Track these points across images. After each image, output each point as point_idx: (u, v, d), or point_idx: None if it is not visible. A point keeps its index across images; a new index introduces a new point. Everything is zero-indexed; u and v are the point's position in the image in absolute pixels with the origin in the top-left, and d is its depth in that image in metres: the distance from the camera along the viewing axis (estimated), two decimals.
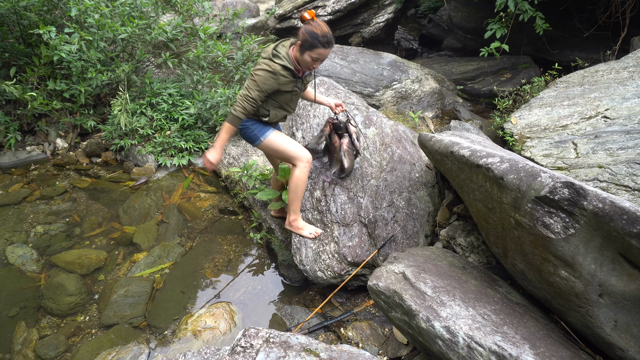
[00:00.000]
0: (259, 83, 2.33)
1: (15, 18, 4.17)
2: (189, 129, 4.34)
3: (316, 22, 2.28)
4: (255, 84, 2.34)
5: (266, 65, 2.33)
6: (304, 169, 2.59)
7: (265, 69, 2.32)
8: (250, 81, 2.35)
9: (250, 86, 2.35)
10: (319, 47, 2.27)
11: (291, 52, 2.38)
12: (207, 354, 1.59)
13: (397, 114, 4.83)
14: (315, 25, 2.26)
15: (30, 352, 2.48)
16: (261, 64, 2.34)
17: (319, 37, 2.25)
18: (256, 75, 2.33)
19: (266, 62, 2.34)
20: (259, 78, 2.33)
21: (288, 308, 2.80)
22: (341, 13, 6.80)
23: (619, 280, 1.58)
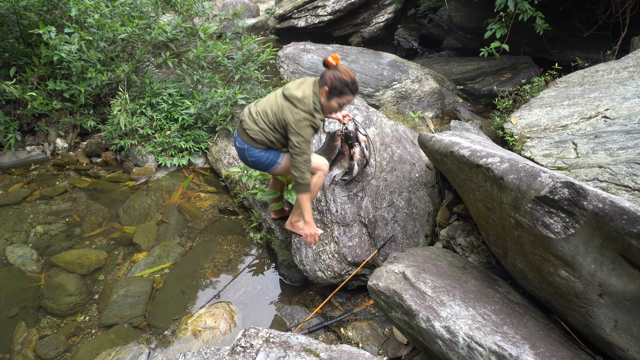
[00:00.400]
0: (308, 138, 2.32)
1: (15, 18, 4.17)
2: (189, 129, 4.34)
3: (343, 68, 2.28)
4: (307, 143, 2.32)
5: (310, 122, 2.31)
6: (322, 176, 2.61)
7: (311, 125, 2.32)
8: (304, 143, 2.30)
9: (307, 149, 2.32)
10: (348, 94, 2.29)
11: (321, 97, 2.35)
12: (207, 354, 1.59)
13: (397, 114, 4.84)
14: (343, 72, 2.26)
15: (30, 352, 2.48)
16: (307, 122, 2.29)
17: (349, 84, 2.26)
18: (307, 134, 2.30)
19: (309, 118, 2.30)
20: (307, 135, 2.31)
21: (288, 308, 2.80)
22: (341, 13, 6.80)
23: (619, 280, 1.58)
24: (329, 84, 2.27)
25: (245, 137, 2.50)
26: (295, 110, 2.29)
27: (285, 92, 2.37)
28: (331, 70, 2.28)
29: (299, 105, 2.29)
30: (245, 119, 2.51)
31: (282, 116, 2.34)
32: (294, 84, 2.39)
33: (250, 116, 2.49)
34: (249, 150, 2.52)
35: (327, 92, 2.29)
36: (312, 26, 6.91)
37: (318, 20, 6.83)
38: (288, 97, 2.34)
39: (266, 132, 2.44)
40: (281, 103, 2.37)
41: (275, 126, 2.41)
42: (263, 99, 2.54)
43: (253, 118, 2.47)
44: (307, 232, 2.52)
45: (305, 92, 2.31)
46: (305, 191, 2.39)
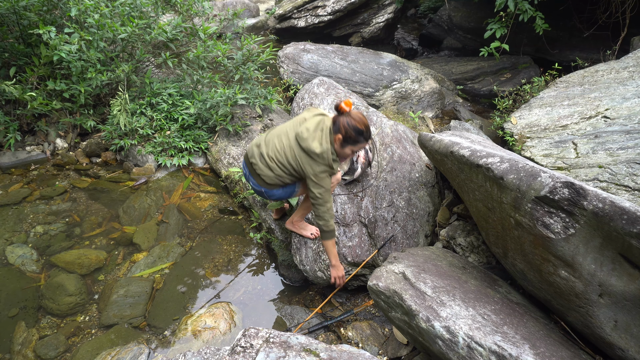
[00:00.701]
0: (329, 187, 2.33)
1: (15, 18, 4.17)
2: (189, 129, 4.34)
3: (356, 115, 2.24)
4: (328, 193, 2.33)
5: (330, 173, 2.32)
6: (334, 188, 2.65)
7: (330, 174, 2.33)
8: (325, 193, 2.32)
9: (327, 198, 2.33)
10: (362, 142, 2.28)
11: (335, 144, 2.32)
12: (207, 354, 1.59)
13: (397, 114, 4.84)
14: (357, 120, 2.23)
15: (30, 352, 2.48)
16: (325, 173, 2.30)
17: (364, 133, 2.25)
18: (327, 184, 2.31)
19: (328, 170, 2.30)
20: (327, 185, 2.32)
21: (288, 308, 2.80)
22: (341, 13, 6.80)
23: (619, 280, 1.58)
24: (343, 132, 2.24)
25: (260, 181, 2.49)
26: (316, 164, 2.28)
27: (302, 144, 2.30)
28: (345, 117, 2.24)
29: (319, 160, 2.27)
30: (258, 163, 2.45)
31: (301, 168, 2.32)
32: (308, 131, 2.30)
33: (263, 160, 2.43)
34: (268, 192, 2.54)
35: (340, 140, 2.26)
36: (312, 26, 6.91)
37: (318, 20, 6.83)
38: (306, 151, 2.28)
39: (283, 178, 2.43)
40: (299, 154, 2.32)
41: (292, 172, 2.39)
42: (273, 137, 2.45)
43: (267, 163, 2.41)
44: (335, 275, 2.54)
45: (323, 146, 2.26)
46: (331, 237, 2.40)
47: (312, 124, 2.33)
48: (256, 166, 2.45)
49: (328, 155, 2.26)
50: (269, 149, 2.42)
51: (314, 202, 2.34)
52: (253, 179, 2.53)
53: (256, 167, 2.45)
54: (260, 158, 2.44)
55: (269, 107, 4.55)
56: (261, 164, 2.43)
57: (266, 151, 2.43)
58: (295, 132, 2.35)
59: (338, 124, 2.26)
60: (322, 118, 2.36)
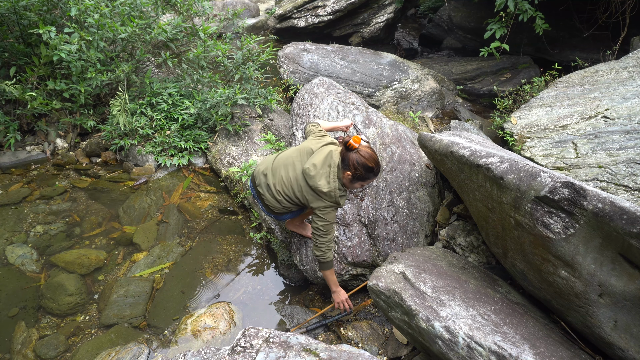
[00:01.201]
0: (333, 221, 2.34)
1: (15, 18, 4.17)
2: (189, 128, 4.34)
3: (366, 152, 2.21)
4: (331, 226, 2.34)
5: (334, 208, 2.32)
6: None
7: (336, 208, 2.34)
8: (328, 226, 2.32)
9: (331, 230, 2.34)
10: (372, 178, 2.28)
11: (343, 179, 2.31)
12: (207, 354, 1.59)
13: (397, 113, 4.83)
14: (367, 157, 2.20)
15: (30, 352, 2.48)
16: (331, 208, 2.30)
17: (374, 170, 2.23)
18: (331, 218, 2.32)
19: (333, 205, 2.30)
20: (332, 218, 2.32)
21: (288, 308, 2.80)
22: (341, 13, 6.80)
23: (618, 280, 1.58)
24: (352, 170, 2.23)
25: (268, 210, 2.54)
26: (322, 201, 2.30)
27: (309, 182, 2.30)
28: (354, 154, 2.21)
29: (325, 198, 2.29)
30: (265, 194, 2.47)
31: (307, 201, 2.35)
32: (316, 167, 2.29)
33: (270, 191, 2.45)
34: (277, 217, 2.62)
35: (350, 177, 2.25)
36: (312, 26, 6.91)
37: (318, 20, 6.83)
38: (313, 189, 2.29)
39: (290, 208, 2.48)
40: (306, 190, 2.33)
41: (299, 203, 2.43)
42: (280, 167, 2.45)
43: (274, 195, 2.44)
44: (338, 300, 2.52)
45: (331, 184, 2.26)
46: (329, 267, 2.40)
47: (320, 158, 2.32)
48: (264, 197, 2.48)
49: (335, 194, 2.26)
50: (276, 180, 2.43)
51: (315, 233, 2.34)
52: (263, 207, 2.58)
53: (264, 198, 2.49)
54: (267, 189, 2.47)
55: (269, 107, 4.55)
56: (268, 195, 2.46)
57: (273, 182, 2.44)
58: (303, 168, 2.34)
59: (347, 161, 2.23)
60: (330, 151, 2.34)
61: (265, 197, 2.47)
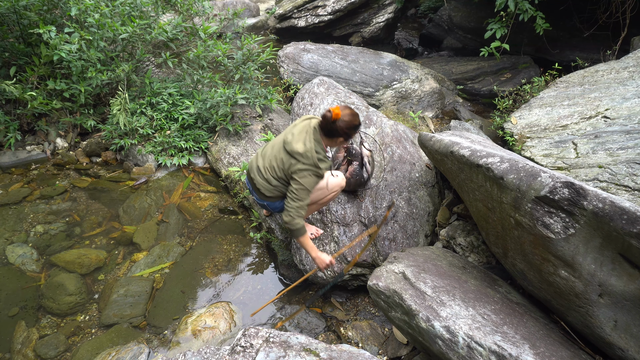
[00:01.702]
0: (310, 188, 2.33)
1: (15, 17, 4.17)
2: (189, 128, 4.34)
3: (347, 115, 2.28)
4: (307, 193, 2.33)
5: (314, 172, 2.32)
6: (336, 194, 2.69)
7: (315, 175, 2.34)
8: (302, 191, 2.31)
9: (304, 196, 2.33)
10: (356, 132, 2.36)
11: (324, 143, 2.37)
12: (207, 353, 1.59)
13: (397, 113, 4.84)
14: (351, 118, 2.28)
15: (30, 352, 2.48)
16: (309, 171, 2.31)
17: (359, 124, 2.34)
18: (307, 183, 2.31)
19: (314, 169, 2.31)
20: (311, 186, 2.33)
21: (288, 308, 2.80)
22: (341, 13, 6.80)
23: (618, 280, 1.58)
24: (344, 136, 2.32)
25: (261, 195, 2.54)
26: (299, 163, 2.31)
27: (287, 147, 2.36)
28: (340, 122, 2.27)
29: (302, 160, 2.30)
30: (256, 177, 2.52)
31: (288, 171, 2.36)
32: (293, 135, 2.36)
33: (260, 173, 2.50)
34: (271, 205, 2.59)
35: (343, 140, 2.35)
36: (312, 26, 6.91)
37: (318, 20, 6.83)
38: (290, 153, 2.34)
39: (279, 188, 2.47)
40: (285, 159, 2.37)
41: (285, 180, 2.42)
42: (267, 149, 2.52)
43: (263, 175, 2.48)
44: (321, 264, 2.47)
45: (306, 145, 2.30)
46: (300, 235, 2.38)
47: (298, 128, 2.39)
48: (255, 180, 2.52)
49: (312, 154, 2.29)
50: (265, 161, 2.48)
51: (289, 196, 2.35)
52: (255, 193, 2.59)
53: (256, 182, 2.52)
54: (257, 172, 2.51)
55: (269, 107, 4.55)
56: (259, 177, 2.50)
57: (262, 164, 2.49)
58: (283, 139, 2.41)
59: (336, 130, 2.29)
60: (309, 121, 2.41)
61: (256, 180, 2.51)
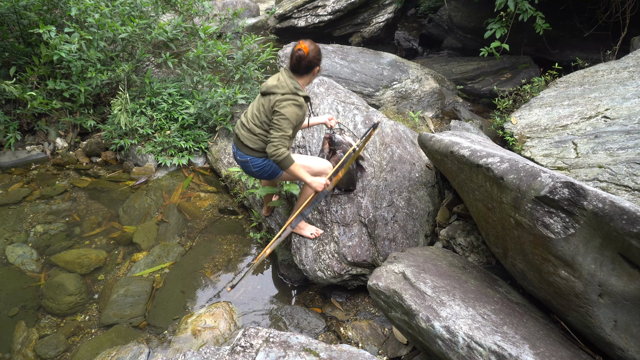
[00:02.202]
0: (292, 120, 2.36)
1: (15, 17, 4.17)
2: (189, 128, 4.34)
3: (312, 48, 2.39)
4: (289, 122, 2.35)
5: (294, 100, 2.36)
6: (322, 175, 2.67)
7: (295, 104, 2.36)
8: (283, 120, 2.34)
9: (285, 126, 2.35)
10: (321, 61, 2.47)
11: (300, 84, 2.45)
12: (207, 353, 1.59)
13: (397, 113, 4.83)
14: (316, 48, 2.42)
15: (30, 352, 2.48)
16: (288, 101, 2.35)
17: (321, 53, 2.46)
18: (287, 113, 2.34)
19: (292, 97, 2.36)
20: (291, 115, 2.35)
21: (288, 308, 2.80)
22: (341, 13, 6.80)
23: (618, 280, 1.58)
24: (319, 62, 2.45)
25: (245, 150, 2.54)
26: (277, 96, 2.38)
27: (262, 91, 2.47)
28: (310, 54, 2.38)
29: (279, 90, 2.38)
30: (240, 131, 2.57)
31: (270, 111, 2.42)
32: (265, 83, 2.48)
33: (244, 126, 2.55)
34: (252, 161, 2.55)
35: (319, 69, 2.48)
36: (312, 26, 6.90)
37: (318, 20, 6.83)
38: (267, 92, 2.44)
39: (262, 137, 2.48)
40: (265, 102, 2.45)
41: (266, 121, 2.46)
42: (248, 108, 2.60)
43: (247, 127, 2.53)
44: (316, 187, 2.51)
45: (279, 78, 2.41)
46: (289, 163, 2.38)
47: (272, 78, 2.50)
48: (240, 135, 2.56)
49: (287, 83, 2.38)
50: (248, 116, 2.57)
51: (271, 128, 2.39)
52: (240, 151, 2.58)
53: (241, 136, 2.56)
54: (242, 127, 2.58)
55: None
56: (243, 131, 2.55)
57: (245, 119, 2.57)
58: (260, 90, 2.53)
59: (309, 62, 2.39)
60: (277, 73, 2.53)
61: (241, 134, 2.55)
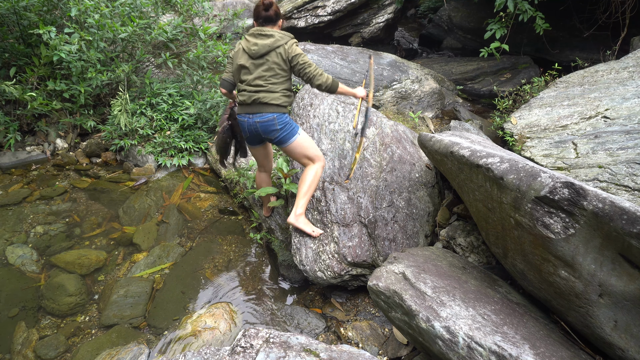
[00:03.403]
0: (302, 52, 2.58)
1: (15, 18, 4.17)
2: (189, 129, 4.34)
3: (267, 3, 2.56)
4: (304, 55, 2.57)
5: (296, 41, 2.61)
6: (323, 167, 2.76)
7: (297, 44, 2.60)
8: (304, 57, 2.55)
9: (309, 60, 2.56)
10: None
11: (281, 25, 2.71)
12: (207, 354, 1.59)
13: (397, 114, 4.84)
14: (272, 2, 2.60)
15: (30, 353, 2.48)
16: (295, 43, 2.58)
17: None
18: (299, 50, 2.56)
19: (294, 39, 2.58)
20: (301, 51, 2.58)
21: (288, 308, 2.80)
22: (341, 13, 6.80)
23: (619, 280, 1.58)
24: (281, 16, 2.63)
25: (270, 108, 2.57)
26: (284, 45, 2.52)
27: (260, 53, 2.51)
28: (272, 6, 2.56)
29: (282, 41, 2.52)
30: (257, 95, 2.55)
31: (285, 60, 2.54)
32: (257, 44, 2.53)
33: (259, 91, 2.56)
34: (279, 118, 2.60)
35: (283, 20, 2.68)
36: (312, 26, 6.91)
37: (318, 20, 6.83)
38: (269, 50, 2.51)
39: (286, 91, 2.61)
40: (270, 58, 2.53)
41: (286, 70, 2.58)
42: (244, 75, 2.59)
43: (264, 89, 2.55)
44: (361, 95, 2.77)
45: (270, 34, 2.53)
46: (337, 85, 2.59)
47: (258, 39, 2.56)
48: (259, 99, 2.55)
49: (281, 33, 2.56)
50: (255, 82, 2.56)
51: (305, 68, 2.53)
52: (259, 113, 2.59)
53: (261, 99, 2.55)
54: (255, 92, 2.56)
55: None
56: (261, 94, 2.55)
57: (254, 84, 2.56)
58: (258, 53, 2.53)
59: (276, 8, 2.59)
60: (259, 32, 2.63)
61: (259, 97, 2.55)
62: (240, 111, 2.67)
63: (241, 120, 2.68)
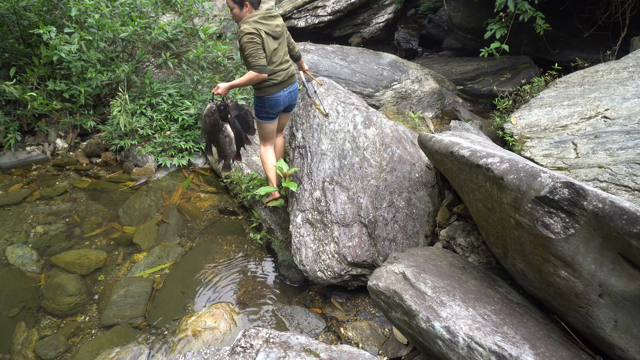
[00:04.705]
0: None
1: (15, 18, 4.17)
2: (189, 129, 4.34)
3: None
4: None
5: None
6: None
7: None
8: None
9: None
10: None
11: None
12: (207, 354, 1.59)
13: (397, 114, 4.83)
14: None
15: (30, 353, 2.48)
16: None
17: None
18: None
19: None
20: None
21: (288, 308, 2.80)
22: (341, 13, 6.80)
23: (619, 280, 1.58)
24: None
25: (295, 77, 3.05)
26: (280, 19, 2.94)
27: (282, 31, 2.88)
28: None
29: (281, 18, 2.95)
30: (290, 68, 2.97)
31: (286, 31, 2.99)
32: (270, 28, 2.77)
33: (289, 62, 2.98)
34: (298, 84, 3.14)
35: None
36: (312, 26, 6.90)
37: (318, 20, 6.83)
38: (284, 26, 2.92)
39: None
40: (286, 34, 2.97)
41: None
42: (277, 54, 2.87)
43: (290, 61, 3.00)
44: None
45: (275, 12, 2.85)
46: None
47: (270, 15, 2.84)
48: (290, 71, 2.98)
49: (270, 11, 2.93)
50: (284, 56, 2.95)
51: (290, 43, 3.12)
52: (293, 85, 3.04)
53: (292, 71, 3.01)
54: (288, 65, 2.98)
55: None
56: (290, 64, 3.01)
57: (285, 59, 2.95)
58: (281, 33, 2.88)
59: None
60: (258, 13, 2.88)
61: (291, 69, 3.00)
62: (275, 90, 2.92)
63: (277, 97, 2.95)
